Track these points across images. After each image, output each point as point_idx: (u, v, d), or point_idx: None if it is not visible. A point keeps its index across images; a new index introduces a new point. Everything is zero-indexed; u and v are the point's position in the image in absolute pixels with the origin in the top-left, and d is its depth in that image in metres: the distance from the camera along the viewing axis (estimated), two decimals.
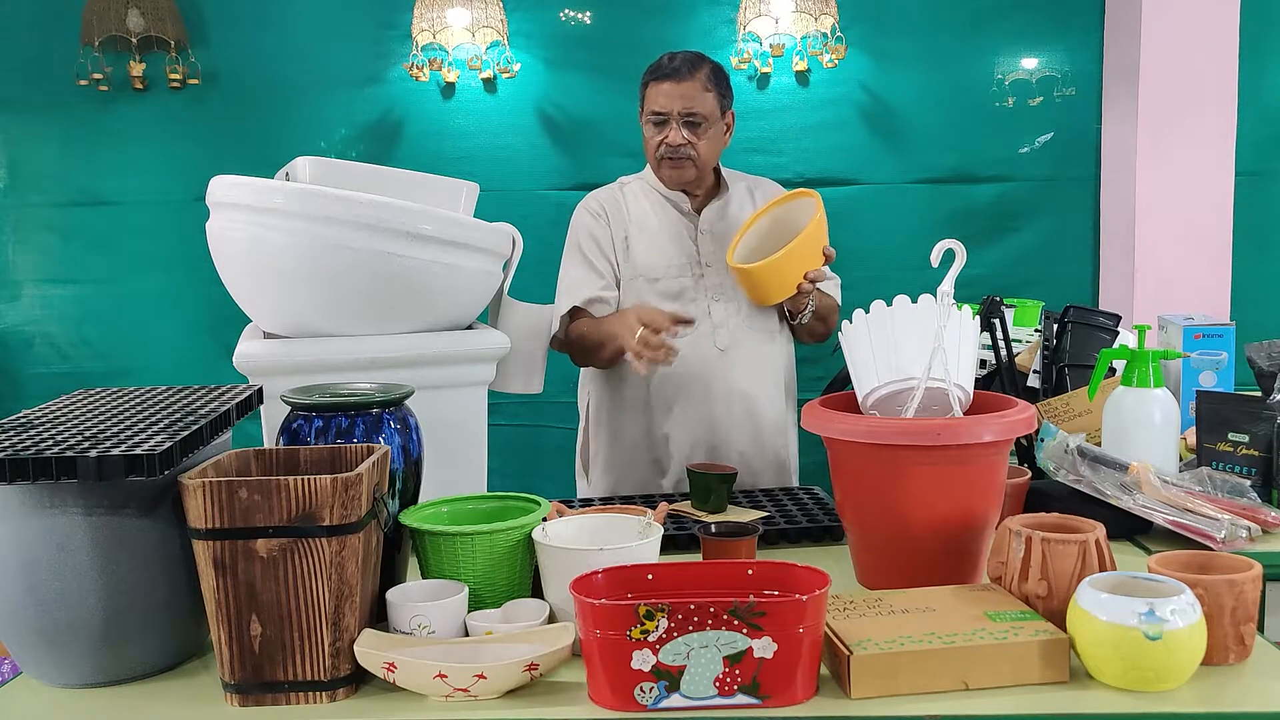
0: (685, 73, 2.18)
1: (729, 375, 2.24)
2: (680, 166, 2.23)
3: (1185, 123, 3.13)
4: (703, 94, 2.19)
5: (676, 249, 2.27)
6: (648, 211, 2.30)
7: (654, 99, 2.21)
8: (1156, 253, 3.16)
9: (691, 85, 2.18)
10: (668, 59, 2.22)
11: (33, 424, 1.34)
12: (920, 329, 1.55)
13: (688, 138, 2.20)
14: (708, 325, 2.23)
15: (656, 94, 2.20)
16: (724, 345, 2.23)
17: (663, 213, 2.30)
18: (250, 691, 1.22)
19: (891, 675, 1.18)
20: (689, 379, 2.23)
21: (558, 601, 1.31)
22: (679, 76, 2.18)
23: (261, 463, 1.39)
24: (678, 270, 2.25)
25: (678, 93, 2.18)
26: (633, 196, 2.33)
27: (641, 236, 2.28)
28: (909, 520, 1.46)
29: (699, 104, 2.19)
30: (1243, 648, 1.25)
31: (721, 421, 2.25)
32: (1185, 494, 1.71)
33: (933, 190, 3.31)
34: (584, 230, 2.30)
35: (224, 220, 1.80)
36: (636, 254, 2.26)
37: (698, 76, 2.19)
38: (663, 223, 2.29)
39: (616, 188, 2.36)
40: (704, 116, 2.20)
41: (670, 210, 2.30)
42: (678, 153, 2.21)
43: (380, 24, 3.27)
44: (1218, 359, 2.32)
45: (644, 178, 2.35)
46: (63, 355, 3.37)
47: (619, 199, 2.33)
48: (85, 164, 3.30)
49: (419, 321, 1.84)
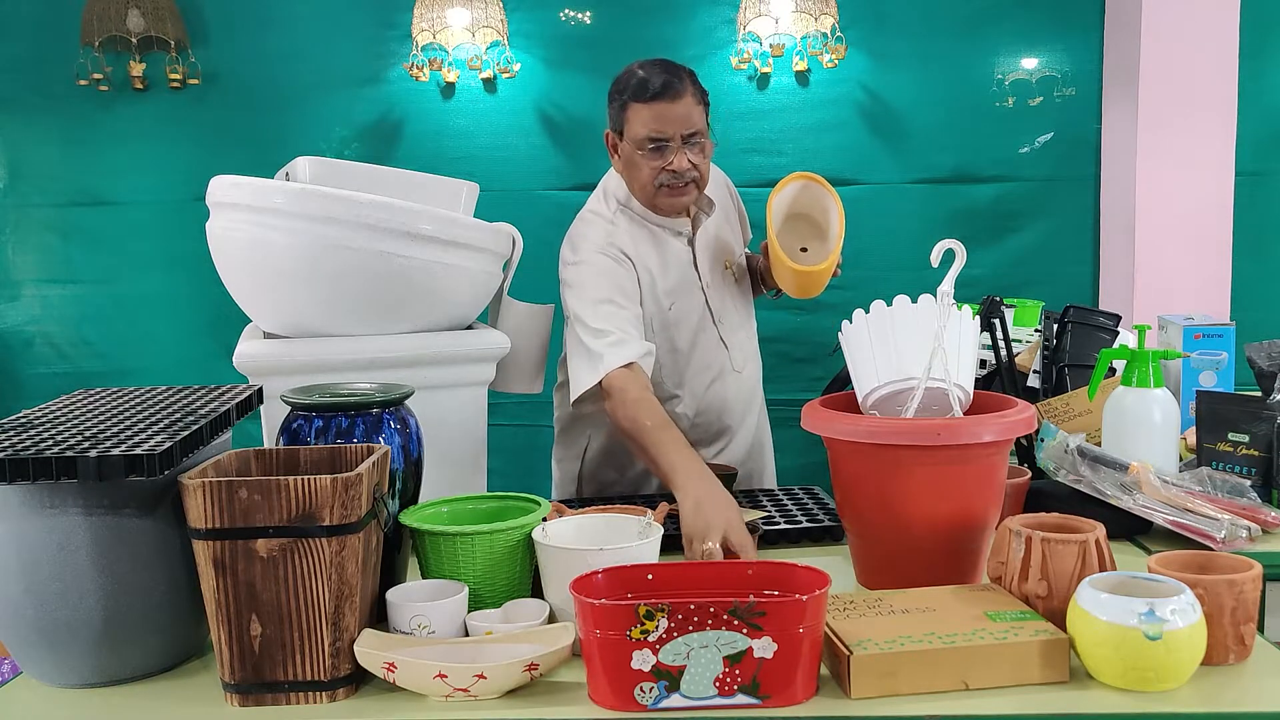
0: (677, 88, 1.94)
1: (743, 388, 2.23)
2: (684, 193, 2.02)
3: (1185, 123, 3.13)
4: (696, 109, 1.97)
5: (683, 283, 2.11)
6: (651, 250, 2.08)
7: (648, 122, 1.94)
8: (1156, 253, 3.16)
9: (685, 102, 1.95)
10: (645, 73, 1.96)
11: (33, 424, 1.34)
12: (920, 329, 1.55)
13: (693, 160, 1.98)
14: (722, 352, 2.16)
15: (650, 116, 1.94)
16: (740, 366, 2.20)
17: (663, 246, 2.09)
18: (250, 691, 1.22)
19: (891, 675, 1.18)
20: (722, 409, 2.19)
21: (558, 601, 1.31)
22: (672, 94, 1.93)
23: (261, 463, 1.39)
24: (687, 298, 2.11)
25: (674, 114, 1.94)
26: (626, 231, 2.07)
27: (655, 278, 2.07)
28: (909, 520, 1.46)
29: (696, 121, 1.97)
30: (1243, 648, 1.25)
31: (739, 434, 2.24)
32: (1185, 494, 1.71)
33: (933, 190, 3.31)
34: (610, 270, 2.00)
35: (224, 220, 1.80)
36: (654, 295, 2.07)
37: (688, 90, 1.96)
38: (667, 257, 2.09)
39: (609, 226, 2.07)
40: (701, 134, 1.99)
41: (667, 240, 2.10)
42: (682, 179, 1.99)
43: (380, 24, 3.27)
44: (1218, 359, 2.32)
45: (629, 208, 2.09)
46: (63, 355, 3.38)
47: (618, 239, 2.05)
48: (85, 164, 3.30)
49: (419, 321, 1.84)
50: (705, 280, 2.14)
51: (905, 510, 1.46)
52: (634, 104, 1.96)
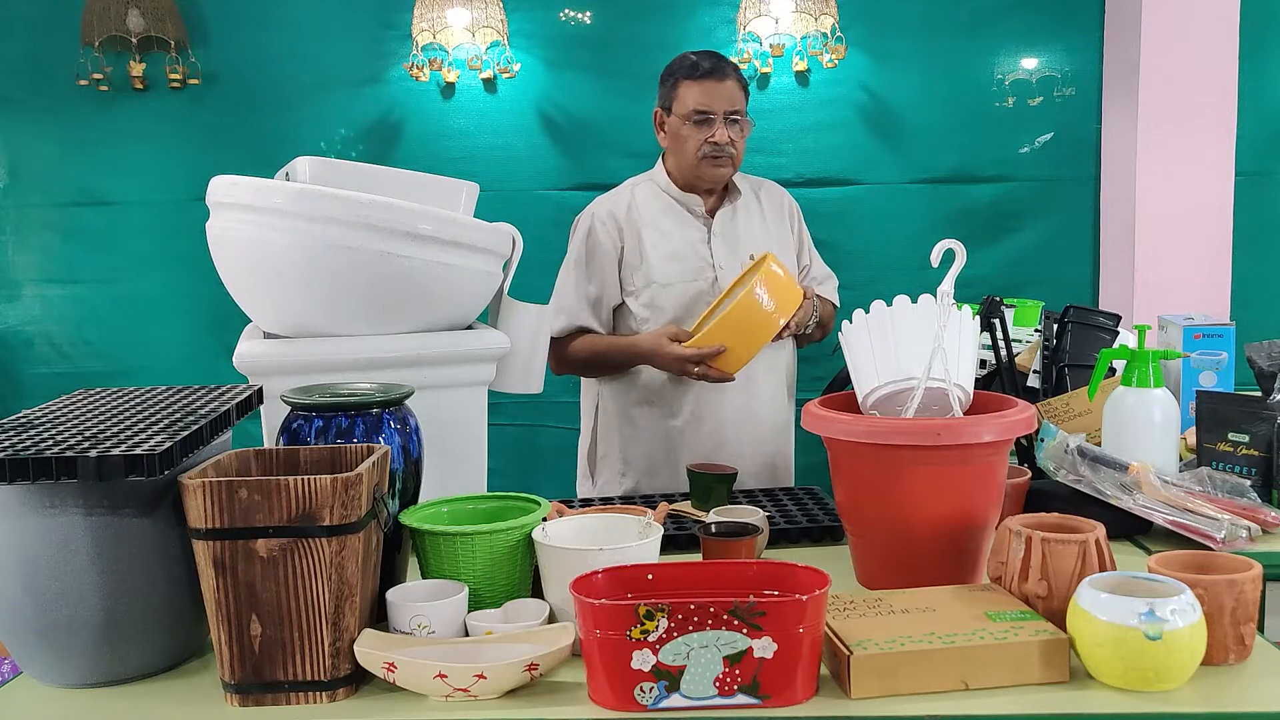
0: (726, 71, 2.22)
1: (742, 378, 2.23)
2: (724, 165, 2.25)
3: (1185, 123, 3.12)
4: (739, 93, 2.24)
5: (691, 253, 2.27)
6: (660, 215, 2.30)
7: (696, 97, 2.21)
8: (1156, 253, 3.16)
9: (731, 84, 2.22)
10: (697, 58, 2.24)
11: (33, 424, 1.33)
12: (920, 329, 1.55)
13: (732, 136, 2.22)
14: None
15: (699, 92, 2.21)
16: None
17: (675, 216, 2.30)
18: (250, 691, 1.22)
19: (891, 675, 1.18)
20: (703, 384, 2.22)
21: (558, 601, 1.31)
22: (721, 75, 2.21)
23: (261, 463, 1.39)
24: (692, 274, 2.25)
25: (721, 91, 2.21)
26: (644, 199, 2.32)
27: (655, 241, 2.27)
28: (909, 520, 1.46)
29: (739, 102, 2.24)
30: (1243, 648, 1.25)
31: (730, 423, 2.25)
32: (1185, 494, 1.71)
33: (933, 190, 3.31)
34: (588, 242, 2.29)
35: (224, 220, 1.80)
36: (651, 260, 2.25)
37: (733, 76, 2.23)
38: (676, 226, 2.29)
39: (627, 190, 2.35)
40: (742, 114, 2.24)
41: (683, 214, 2.30)
42: (722, 150, 2.22)
43: (380, 24, 3.27)
44: (1218, 359, 2.32)
45: (654, 179, 2.34)
46: (63, 355, 3.37)
47: (630, 202, 2.31)
48: (85, 164, 3.30)
49: (419, 321, 1.84)
50: (718, 261, 2.26)
51: (905, 510, 1.46)
52: (685, 81, 2.23)
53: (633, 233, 2.27)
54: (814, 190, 3.28)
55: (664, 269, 2.25)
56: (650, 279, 2.24)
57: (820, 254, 2.50)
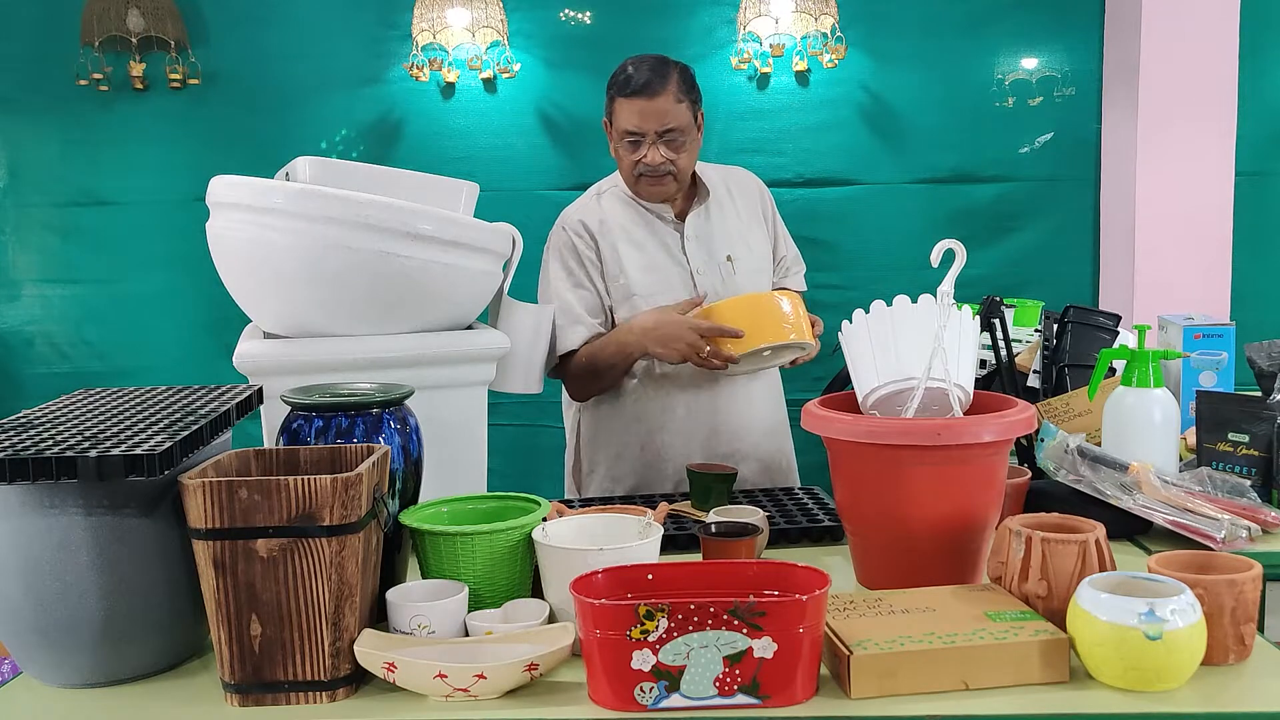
0: (657, 87, 2.05)
1: (731, 380, 2.23)
2: (661, 184, 2.14)
3: (1185, 123, 3.13)
4: (676, 107, 2.07)
5: (668, 261, 2.20)
6: (631, 225, 2.21)
7: (626, 117, 2.07)
8: (1156, 253, 3.16)
9: (665, 100, 2.05)
10: (633, 69, 2.08)
11: (33, 424, 1.33)
12: (920, 329, 1.55)
13: (666, 155, 2.09)
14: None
15: (629, 113, 2.07)
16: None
17: (646, 225, 2.21)
18: (250, 691, 1.22)
19: (891, 675, 1.18)
20: (691, 388, 2.20)
21: (558, 601, 1.31)
22: (650, 92, 2.04)
23: (261, 463, 1.39)
24: (671, 284, 2.18)
25: (652, 111, 2.05)
26: (612, 209, 2.21)
27: (629, 254, 2.18)
28: (909, 520, 1.46)
29: (674, 118, 2.07)
30: (1243, 648, 1.25)
31: (724, 426, 2.24)
32: (1185, 494, 1.71)
33: (933, 190, 3.31)
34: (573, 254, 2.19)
35: (224, 220, 1.80)
36: (630, 272, 2.18)
37: (669, 89, 2.06)
38: (649, 236, 2.20)
39: (594, 200, 2.24)
40: (680, 130, 2.08)
41: (654, 221, 2.21)
42: (657, 170, 2.10)
43: (380, 24, 3.27)
44: (1218, 359, 2.32)
45: (619, 185, 2.23)
46: (63, 355, 3.38)
47: (600, 215, 2.21)
48: (85, 164, 3.30)
49: (419, 321, 1.84)
50: (694, 266, 2.20)
51: (905, 510, 1.46)
52: (618, 98, 2.10)
53: (608, 245, 2.19)
54: (814, 190, 3.28)
55: (642, 280, 2.17)
56: (631, 291, 2.18)
57: (820, 254, 2.50)
